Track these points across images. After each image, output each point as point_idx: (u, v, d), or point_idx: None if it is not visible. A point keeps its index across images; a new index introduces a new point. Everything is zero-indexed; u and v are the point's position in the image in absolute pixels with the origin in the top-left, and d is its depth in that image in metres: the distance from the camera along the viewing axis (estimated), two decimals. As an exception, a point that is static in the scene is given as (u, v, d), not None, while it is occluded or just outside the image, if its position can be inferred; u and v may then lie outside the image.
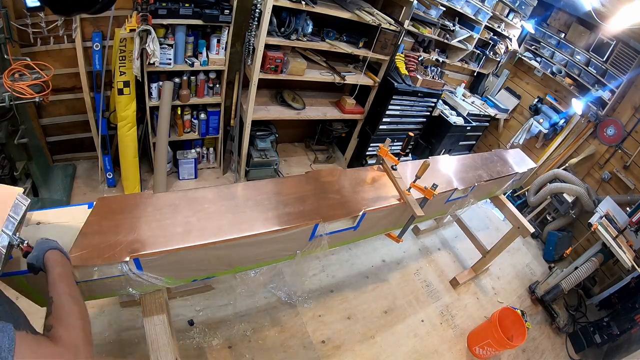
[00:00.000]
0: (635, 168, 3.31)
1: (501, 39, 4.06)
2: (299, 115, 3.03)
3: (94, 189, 2.73)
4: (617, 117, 3.43)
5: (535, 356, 2.61)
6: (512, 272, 3.30)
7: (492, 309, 2.79)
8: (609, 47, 3.36)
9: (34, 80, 1.83)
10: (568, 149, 3.83)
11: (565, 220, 3.68)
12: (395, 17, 2.88)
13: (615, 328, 2.58)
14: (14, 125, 1.99)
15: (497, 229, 3.67)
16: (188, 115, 2.82)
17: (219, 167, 3.28)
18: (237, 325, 2.09)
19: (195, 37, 2.42)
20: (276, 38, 2.46)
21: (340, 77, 2.94)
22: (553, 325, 2.88)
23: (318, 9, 2.39)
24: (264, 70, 2.57)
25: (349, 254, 2.82)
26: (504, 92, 4.44)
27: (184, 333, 1.98)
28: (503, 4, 3.73)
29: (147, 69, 2.32)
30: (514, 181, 2.65)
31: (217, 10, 2.30)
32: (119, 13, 2.26)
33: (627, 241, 2.78)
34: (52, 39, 2.23)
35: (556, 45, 3.85)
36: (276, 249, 1.45)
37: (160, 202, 1.28)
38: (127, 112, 2.37)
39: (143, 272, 1.14)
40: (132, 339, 1.87)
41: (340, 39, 2.86)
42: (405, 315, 2.52)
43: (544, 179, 3.79)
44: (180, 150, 3.00)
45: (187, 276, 1.36)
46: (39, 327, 0.80)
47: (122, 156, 2.56)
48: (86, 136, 2.70)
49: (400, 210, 1.74)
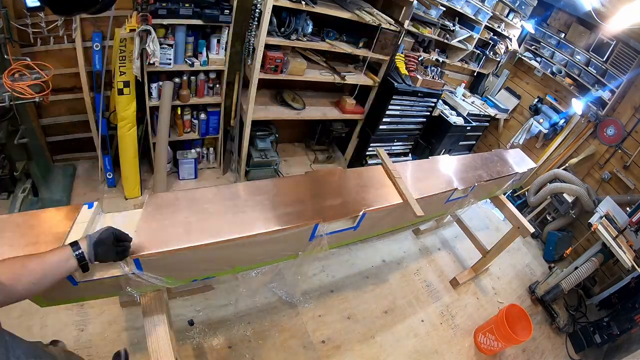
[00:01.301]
0: (635, 168, 3.31)
1: (501, 39, 4.06)
2: (299, 115, 3.03)
3: (94, 189, 2.73)
4: (617, 117, 3.42)
5: (535, 356, 2.61)
6: (512, 272, 3.30)
7: (492, 309, 2.79)
8: (609, 47, 3.35)
9: (34, 80, 1.83)
10: (568, 149, 3.83)
11: (565, 220, 3.68)
12: (395, 17, 2.88)
13: (615, 328, 2.58)
14: (14, 125, 2.00)
15: (497, 229, 3.67)
16: (188, 115, 2.82)
17: (219, 167, 3.28)
18: (237, 325, 2.09)
19: (195, 37, 2.42)
20: (276, 38, 2.46)
21: (340, 77, 2.94)
22: (553, 325, 2.88)
23: (318, 9, 2.39)
24: (264, 70, 2.57)
25: (349, 254, 2.82)
26: (504, 92, 4.44)
27: (184, 333, 1.98)
28: (503, 4, 3.73)
29: (147, 69, 2.31)
30: (514, 181, 2.65)
31: (217, 10, 2.30)
32: (119, 13, 2.26)
33: (627, 241, 2.78)
34: (52, 39, 2.23)
35: (556, 45, 3.85)
36: (276, 249, 1.45)
37: (159, 202, 1.29)
38: (127, 112, 2.37)
39: (143, 272, 1.14)
40: (132, 339, 1.87)
41: (340, 39, 2.86)
42: (405, 315, 2.52)
43: (544, 179, 3.79)
44: (180, 150, 3.00)
45: (187, 276, 1.36)
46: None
47: (122, 156, 2.56)
48: (86, 136, 2.70)
49: (401, 210, 1.74)
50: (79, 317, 1.90)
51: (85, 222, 1.13)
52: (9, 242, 1.01)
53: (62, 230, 1.08)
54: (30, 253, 0.85)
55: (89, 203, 1.20)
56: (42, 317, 1.83)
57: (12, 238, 1.02)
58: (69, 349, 1.06)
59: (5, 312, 1.82)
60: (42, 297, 1.12)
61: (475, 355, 2.45)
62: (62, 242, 1.05)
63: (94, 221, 1.17)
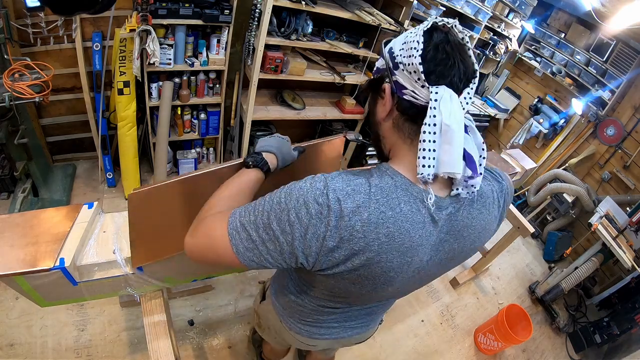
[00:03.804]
0: (635, 168, 3.31)
1: (501, 39, 4.06)
2: (299, 115, 3.03)
3: (94, 189, 2.73)
4: (617, 117, 3.42)
5: (535, 356, 2.61)
6: (512, 272, 3.30)
7: (492, 309, 2.80)
8: (609, 47, 3.35)
9: (34, 80, 1.83)
10: (568, 149, 3.83)
11: (565, 220, 3.68)
12: (395, 17, 2.88)
13: (615, 328, 2.58)
14: (14, 125, 1.99)
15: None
16: (188, 115, 2.82)
17: (219, 167, 3.27)
18: (237, 325, 2.09)
19: (195, 37, 2.42)
20: (276, 38, 2.46)
21: (340, 77, 2.94)
22: (553, 325, 2.88)
23: (318, 9, 2.39)
24: (264, 70, 2.57)
25: (349, 254, 2.81)
26: (504, 92, 4.44)
27: (184, 333, 1.98)
28: (503, 4, 3.73)
29: (147, 69, 2.31)
30: (514, 181, 2.65)
31: (217, 10, 2.30)
32: (119, 13, 2.25)
33: (627, 241, 2.78)
34: (52, 39, 2.23)
35: (556, 45, 3.85)
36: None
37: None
38: (127, 112, 2.37)
39: (143, 272, 1.14)
40: (132, 339, 1.87)
41: (340, 39, 2.86)
42: (405, 315, 2.51)
43: (544, 179, 3.79)
44: (180, 150, 3.00)
45: (187, 276, 1.36)
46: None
47: (122, 156, 2.56)
48: (86, 136, 2.70)
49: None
50: (79, 317, 1.90)
51: (85, 222, 1.13)
52: (9, 242, 1.01)
53: (62, 230, 1.08)
54: (31, 253, 0.85)
55: (89, 203, 1.20)
56: (42, 317, 1.83)
57: (12, 238, 1.02)
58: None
59: (5, 312, 1.83)
60: (42, 297, 1.12)
61: (475, 355, 2.45)
62: (62, 242, 1.04)
63: (94, 221, 1.17)
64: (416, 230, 0.64)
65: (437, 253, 0.71)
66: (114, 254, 1.09)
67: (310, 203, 0.62)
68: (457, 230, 0.70)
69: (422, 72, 0.60)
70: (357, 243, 0.61)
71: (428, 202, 0.64)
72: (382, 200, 0.62)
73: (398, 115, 0.68)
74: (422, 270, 0.73)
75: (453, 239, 0.71)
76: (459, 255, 0.76)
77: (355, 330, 1.05)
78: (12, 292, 1.84)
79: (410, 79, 0.63)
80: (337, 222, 0.61)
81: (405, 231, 0.63)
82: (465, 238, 0.72)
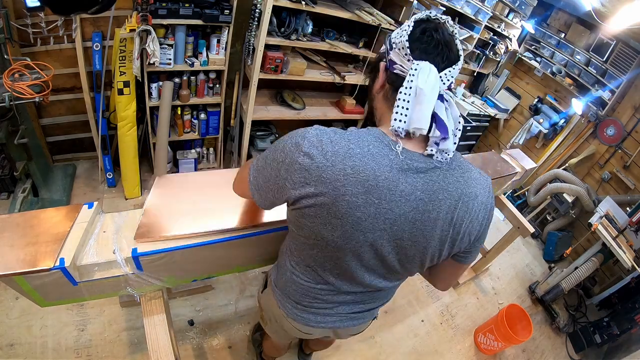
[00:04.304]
0: (635, 168, 3.31)
1: (501, 39, 4.06)
2: (299, 115, 3.03)
3: (94, 189, 2.73)
4: (617, 117, 3.42)
5: (535, 356, 2.61)
6: (512, 272, 3.30)
7: (492, 309, 2.79)
8: (609, 47, 3.35)
9: (34, 80, 1.83)
10: (568, 149, 3.83)
11: (565, 220, 3.68)
12: (395, 17, 2.88)
13: (615, 328, 2.58)
14: (14, 125, 1.99)
15: (497, 229, 3.65)
16: (188, 115, 2.82)
17: (219, 167, 3.28)
18: (237, 325, 2.09)
19: (195, 37, 2.42)
20: (276, 38, 2.46)
21: (340, 77, 2.94)
22: (553, 325, 2.88)
23: (318, 9, 2.39)
24: (264, 70, 2.57)
25: (349, 254, 2.81)
26: (504, 92, 4.44)
27: (184, 333, 1.98)
28: (503, 4, 3.73)
29: (147, 69, 2.31)
30: (514, 181, 2.65)
31: (217, 10, 2.30)
32: (119, 13, 2.26)
33: (627, 241, 2.78)
34: (52, 39, 2.23)
35: (556, 45, 3.85)
36: (276, 249, 1.45)
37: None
38: (127, 112, 2.37)
39: (143, 272, 1.14)
40: (132, 339, 1.87)
41: (340, 39, 2.86)
42: (405, 315, 2.52)
43: (544, 179, 3.79)
44: (180, 150, 3.00)
45: (187, 276, 1.36)
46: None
47: (122, 156, 2.56)
48: (86, 136, 2.70)
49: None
50: (79, 317, 1.90)
51: (85, 222, 1.13)
52: (9, 242, 1.01)
53: (62, 230, 1.08)
54: (31, 253, 0.85)
55: (89, 203, 1.20)
56: (42, 317, 1.83)
57: (12, 238, 1.02)
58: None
59: (5, 312, 1.83)
60: (42, 297, 1.12)
61: (475, 355, 2.45)
62: (62, 242, 1.04)
63: (94, 221, 1.17)
64: (382, 171, 0.71)
65: (411, 210, 0.75)
66: (114, 254, 1.08)
67: (293, 139, 0.77)
68: (433, 191, 0.75)
69: (407, 47, 0.72)
70: (325, 170, 0.71)
71: (397, 149, 0.72)
72: (353, 139, 0.73)
73: (388, 87, 0.79)
74: (395, 225, 0.76)
75: (428, 198, 0.74)
76: (436, 225, 0.77)
77: (348, 321, 1.09)
78: (12, 292, 1.84)
79: (399, 54, 0.74)
80: (310, 149, 0.72)
81: (371, 169, 0.70)
82: (441, 202, 0.75)
